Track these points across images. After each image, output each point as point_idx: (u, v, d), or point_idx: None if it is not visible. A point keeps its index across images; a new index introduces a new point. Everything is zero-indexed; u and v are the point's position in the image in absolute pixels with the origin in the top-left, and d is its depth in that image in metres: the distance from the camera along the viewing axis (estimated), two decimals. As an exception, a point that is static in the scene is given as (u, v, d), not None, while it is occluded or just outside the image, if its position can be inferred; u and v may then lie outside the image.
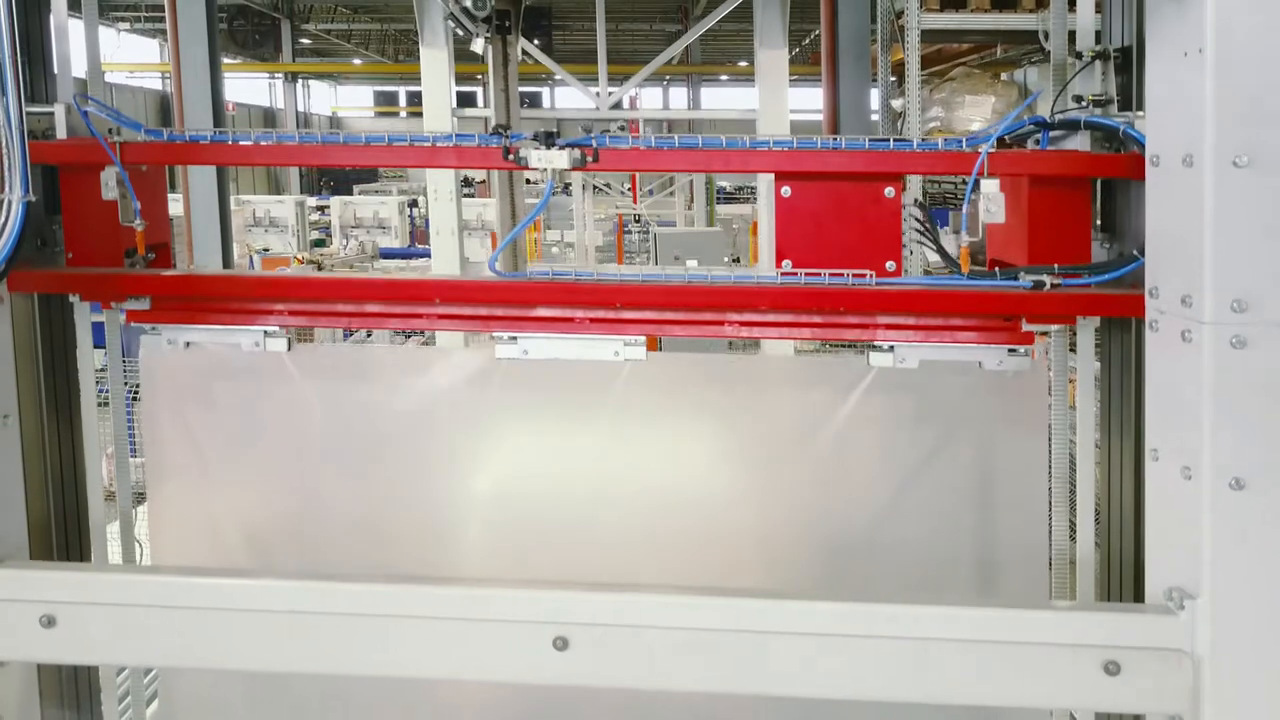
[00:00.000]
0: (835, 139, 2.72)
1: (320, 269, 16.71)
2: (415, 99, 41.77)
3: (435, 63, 8.55)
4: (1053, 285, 2.68)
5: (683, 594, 2.39)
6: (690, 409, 3.13)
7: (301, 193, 35.96)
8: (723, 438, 3.12)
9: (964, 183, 2.86)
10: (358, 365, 3.21)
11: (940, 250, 2.83)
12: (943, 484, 3.02)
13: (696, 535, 3.10)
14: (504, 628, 2.39)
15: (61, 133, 2.93)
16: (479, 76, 35.80)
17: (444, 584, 2.45)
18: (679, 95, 43.86)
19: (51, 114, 2.95)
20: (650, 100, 42.87)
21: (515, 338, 2.92)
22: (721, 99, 42.49)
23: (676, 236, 17.93)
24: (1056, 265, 2.71)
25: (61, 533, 2.91)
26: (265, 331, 3.01)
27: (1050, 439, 2.99)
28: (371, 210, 26.88)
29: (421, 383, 3.15)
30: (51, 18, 3.10)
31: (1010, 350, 2.91)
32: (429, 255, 10.67)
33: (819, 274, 2.75)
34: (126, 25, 31.97)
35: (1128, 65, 2.90)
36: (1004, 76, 10.91)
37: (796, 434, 3.07)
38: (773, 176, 2.77)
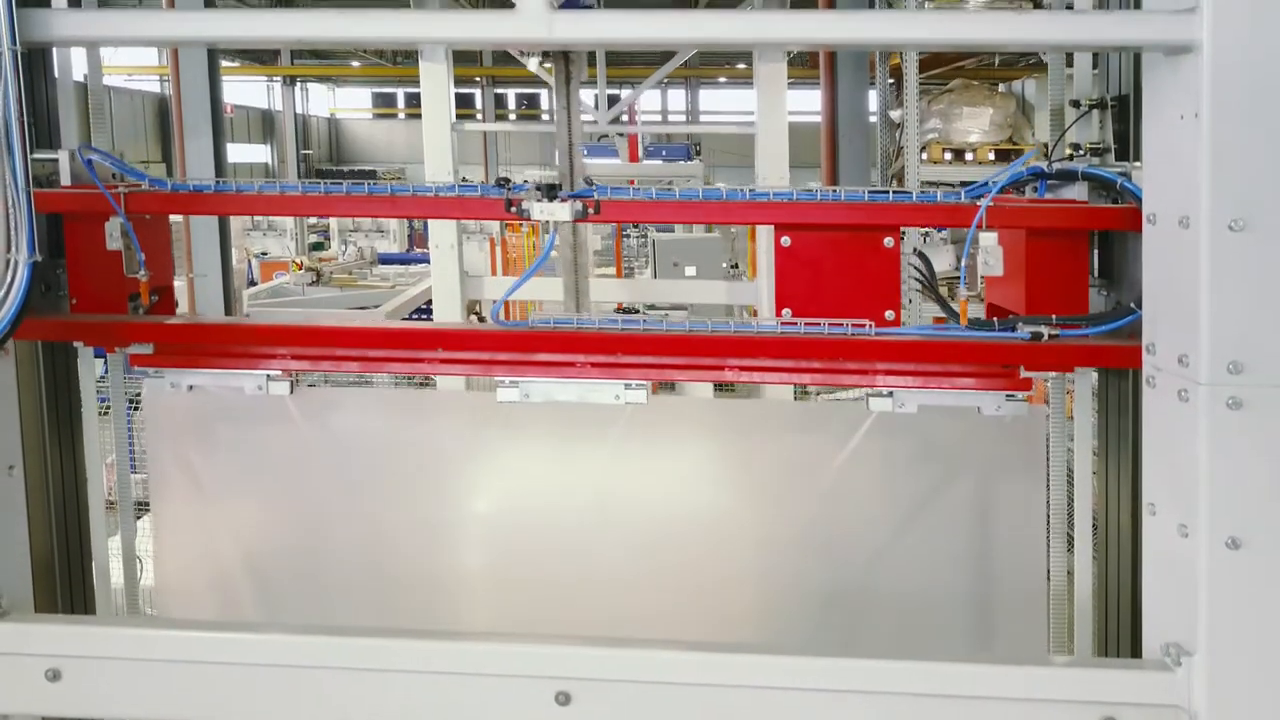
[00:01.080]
0: (834, 190, 2.74)
1: (319, 276, 16.74)
2: (413, 100, 41.82)
3: (435, 76, 8.56)
4: (1050, 336, 2.70)
5: (685, 650, 2.41)
6: (690, 452, 3.15)
7: (300, 195, 36.02)
8: (722, 481, 3.14)
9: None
10: (360, 408, 3.23)
11: (939, 300, 2.85)
12: (942, 528, 3.04)
13: (697, 578, 3.12)
14: (506, 682, 2.41)
15: (65, 179, 2.95)
16: (476, 79, 35.83)
17: (445, 638, 2.47)
18: (677, 97, 43.92)
19: (55, 160, 2.96)
20: (649, 102, 42.91)
21: (516, 382, 2.94)
22: (720, 100, 42.53)
23: (675, 243, 17.94)
24: (1054, 316, 2.73)
25: (66, 581, 2.93)
26: (268, 375, 3.03)
27: (1049, 484, 3.01)
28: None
29: (423, 425, 3.17)
30: (54, 62, 3.13)
31: (1008, 396, 2.94)
32: (428, 261, 10.70)
33: (818, 323, 2.76)
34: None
35: (1125, 113, 2.93)
36: (1001, 88, 10.96)
37: (795, 477, 3.09)
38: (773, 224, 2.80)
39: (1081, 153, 2.92)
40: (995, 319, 2.81)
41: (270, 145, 40.50)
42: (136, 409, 3.59)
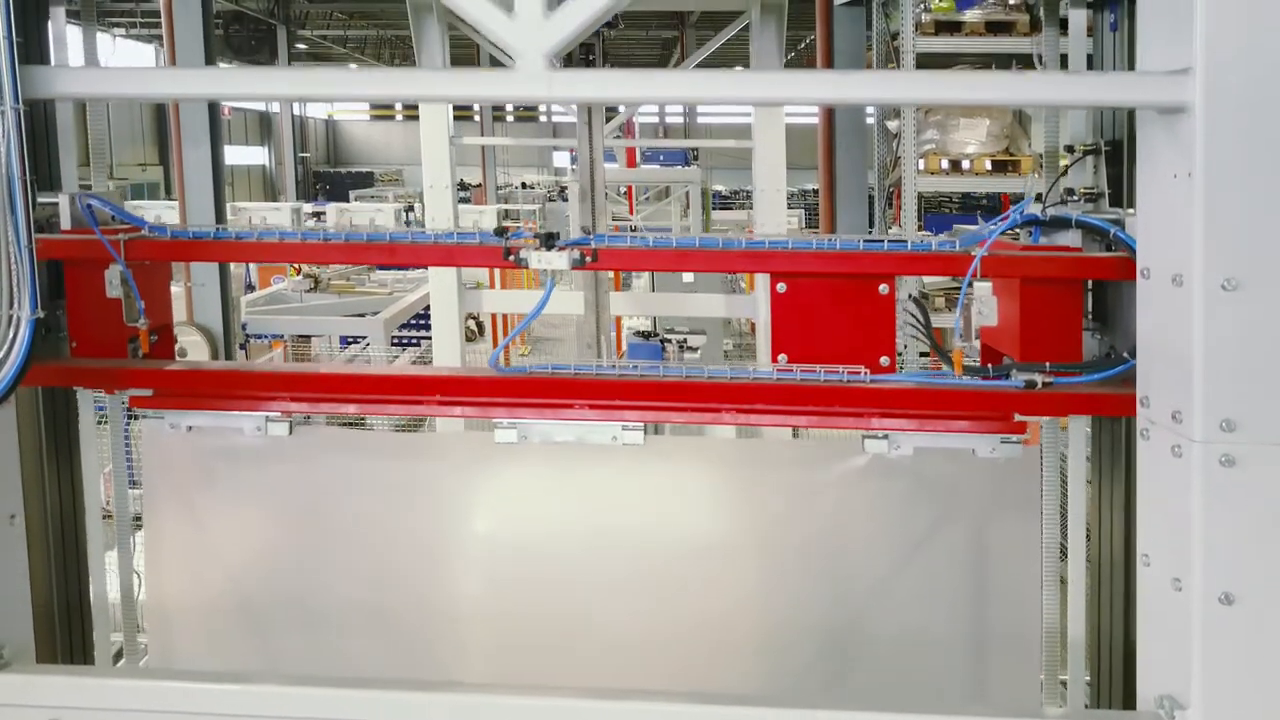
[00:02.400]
0: (830, 240, 2.76)
1: (317, 283, 16.71)
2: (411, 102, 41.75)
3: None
4: (1044, 384, 2.71)
5: (686, 701, 2.42)
6: (688, 491, 3.16)
7: (297, 199, 35.95)
8: (720, 519, 3.16)
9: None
10: (359, 448, 3.24)
11: (935, 347, 2.86)
12: (937, 569, 3.06)
13: (695, 615, 3.13)
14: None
15: (66, 223, 2.96)
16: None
17: (446, 689, 2.48)
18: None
19: (56, 204, 2.97)
20: (646, 104, 42.72)
21: (514, 424, 2.96)
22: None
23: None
24: (1048, 363, 2.74)
25: (65, 627, 2.94)
26: (267, 417, 3.05)
27: (1043, 527, 3.03)
28: (367, 218, 26.85)
29: (421, 465, 3.19)
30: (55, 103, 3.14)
31: (1003, 439, 2.96)
32: (425, 268, 10.67)
33: (814, 369, 2.78)
34: (122, 31, 31.90)
35: (1118, 158, 2.95)
36: (999, 99, 10.96)
37: (792, 518, 3.11)
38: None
39: (1075, 198, 2.93)
40: (989, 365, 2.82)
41: (268, 147, 40.48)
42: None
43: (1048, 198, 2.93)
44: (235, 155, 35.79)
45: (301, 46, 36.10)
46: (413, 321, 16.45)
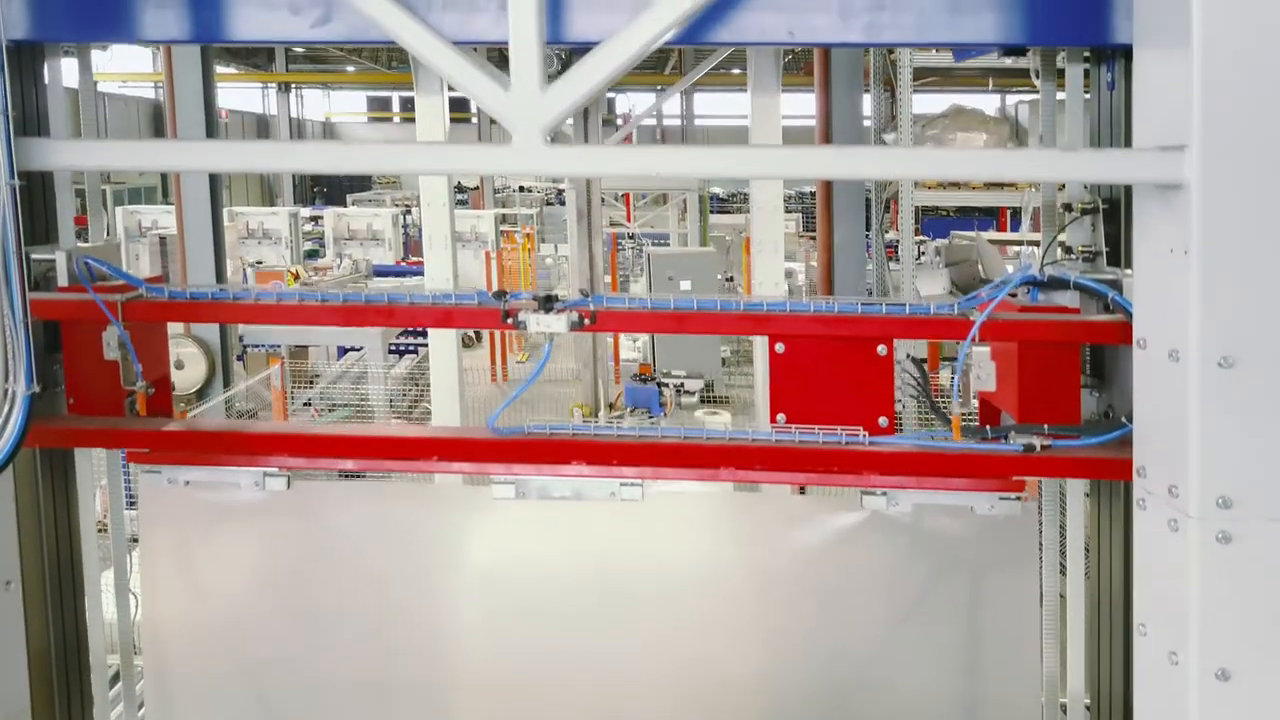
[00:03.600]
0: (828, 302, 2.76)
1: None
2: (409, 104, 41.57)
3: (430, 110, 8.51)
4: (1043, 447, 2.72)
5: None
6: (688, 545, 3.16)
7: (294, 201, 35.92)
8: (719, 573, 3.16)
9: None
10: (357, 502, 3.24)
11: (933, 407, 2.87)
12: (936, 626, 3.06)
13: (693, 672, 3.14)
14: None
15: (63, 280, 2.95)
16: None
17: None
18: (672, 101, 43.85)
19: (53, 260, 2.96)
20: (643, 105, 42.85)
21: (511, 481, 2.96)
22: (715, 104, 42.49)
23: (670, 258, 17.95)
24: (1046, 425, 2.74)
25: (64, 690, 2.94)
26: (265, 472, 3.05)
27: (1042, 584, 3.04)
28: (365, 222, 26.89)
29: (419, 519, 3.18)
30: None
31: (1001, 496, 2.96)
32: (422, 274, 10.65)
33: (813, 430, 2.78)
34: None
35: (1116, 216, 2.94)
36: (994, 113, 11.00)
37: (790, 572, 3.11)
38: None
39: (1073, 256, 2.93)
40: (988, 426, 2.82)
41: (265, 150, 40.35)
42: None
43: (1045, 255, 2.92)
44: (232, 158, 35.62)
45: (299, 49, 36.09)
46: (409, 333, 16.46)
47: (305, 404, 13.46)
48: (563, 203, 20.80)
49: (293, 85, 38.92)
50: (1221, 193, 2.22)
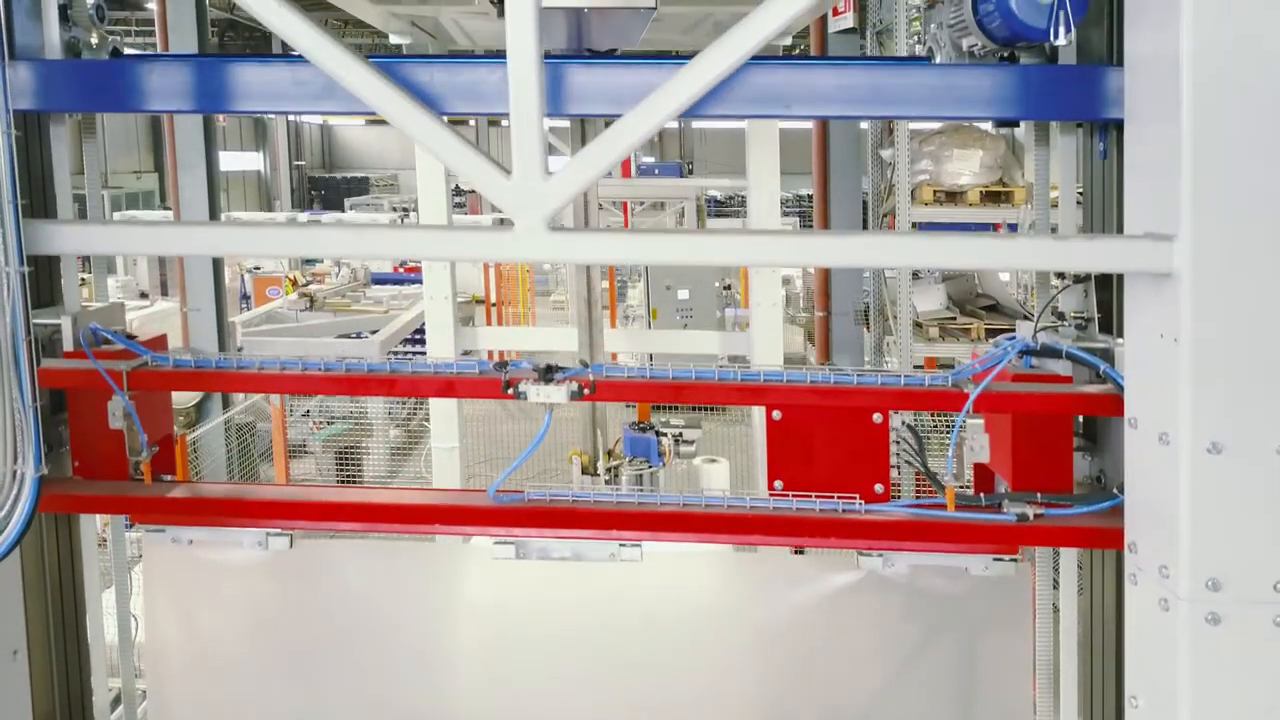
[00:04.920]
0: (825, 373, 2.80)
1: (313, 302, 16.73)
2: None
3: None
4: (1035, 517, 2.75)
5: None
6: (685, 604, 3.20)
7: (293, 206, 35.94)
8: (716, 632, 3.20)
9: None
10: (359, 561, 3.28)
11: (929, 475, 2.90)
12: (930, 686, 3.11)
13: None
14: None
15: (68, 344, 2.98)
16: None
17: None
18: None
19: (59, 325, 2.99)
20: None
21: (510, 541, 2.99)
22: (712, 108, 42.36)
23: (668, 266, 17.99)
24: (1039, 494, 2.78)
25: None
26: (268, 532, 3.09)
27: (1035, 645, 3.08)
28: (363, 227, 26.98)
29: (420, 578, 3.23)
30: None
31: (995, 558, 3.01)
32: (420, 281, 10.66)
33: (809, 498, 2.82)
34: (118, 38, 31.81)
35: (1108, 281, 2.98)
36: (991, 129, 11.03)
37: (786, 631, 3.15)
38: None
39: (1066, 322, 2.97)
40: (982, 494, 2.86)
41: (263, 153, 40.40)
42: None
43: (1038, 322, 2.96)
44: (230, 161, 35.71)
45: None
46: (410, 339, 16.49)
47: (304, 414, 13.51)
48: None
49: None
50: (1211, 283, 2.26)
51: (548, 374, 2.76)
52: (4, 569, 2.53)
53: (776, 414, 2.86)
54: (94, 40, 3.11)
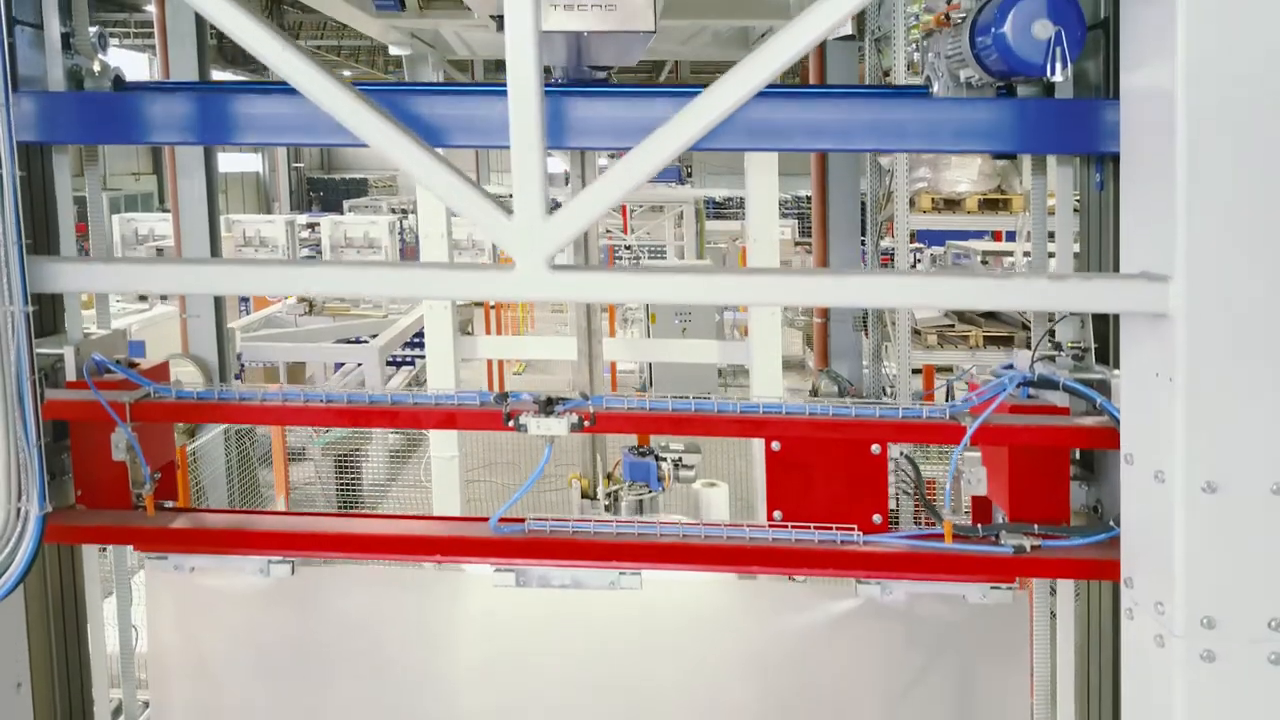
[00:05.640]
0: (823, 405, 2.81)
1: (311, 306, 16.73)
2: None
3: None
4: (1032, 548, 2.77)
5: None
6: (684, 631, 3.23)
7: (292, 208, 35.91)
8: (715, 659, 3.22)
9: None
10: (360, 588, 3.30)
11: (928, 506, 2.91)
12: (927, 711, 3.13)
13: None
14: None
15: (70, 374, 3.00)
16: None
17: None
18: (669, 105, 43.84)
19: (61, 355, 3.01)
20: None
21: (510, 569, 3.01)
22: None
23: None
24: (1036, 525, 2.80)
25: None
26: (269, 560, 3.10)
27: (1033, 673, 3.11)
28: (361, 230, 26.88)
29: (422, 605, 3.25)
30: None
31: (993, 586, 3.03)
32: None
33: (808, 529, 2.84)
34: (116, 40, 31.87)
35: (1105, 314, 2.99)
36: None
37: (785, 659, 3.17)
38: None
39: (1063, 352, 2.98)
40: (979, 525, 2.88)
41: (262, 154, 40.38)
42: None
43: (1036, 350, 2.97)
44: (229, 163, 35.71)
45: (295, 55, 36.00)
46: (410, 344, 16.49)
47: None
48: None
49: (289, 90, 38.82)
50: (1206, 324, 2.27)
51: (548, 406, 2.78)
52: (8, 604, 2.55)
53: (776, 445, 2.88)
54: (96, 68, 3.12)
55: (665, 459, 4.88)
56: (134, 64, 33.07)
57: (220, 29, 2.34)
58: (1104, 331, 3.01)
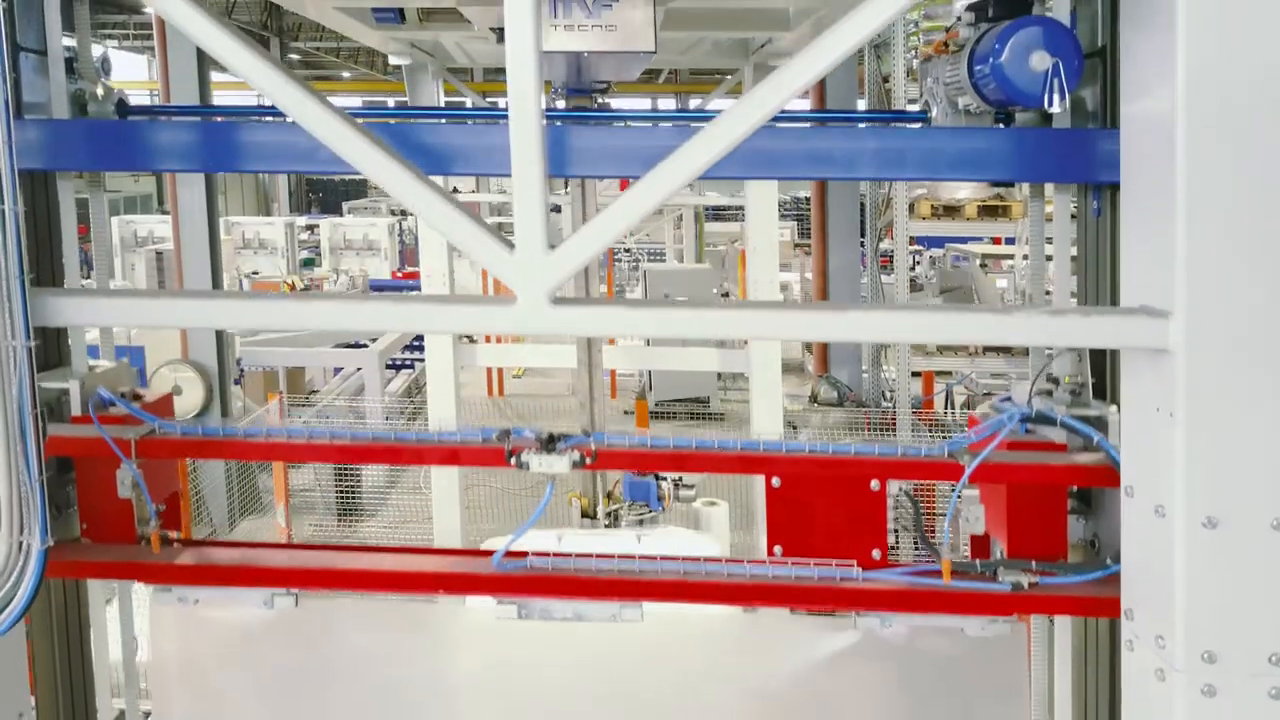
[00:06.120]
0: (824, 442, 2.82)
1: (311, 311, 16.70)
2: (402, 108, 41.19)
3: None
4: (1030, 585, 2.78)
5: None
6: (685, 663, 3.24)
7: (290, 209, 35.87)
8: (715, 691, 3.23)
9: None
10: (364, 621, 3.34)
11: (926, 543, 2.91)
12: None
13: None
14: None
15: (75, 408, 3.03)
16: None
17: None
18: (667, 105, 44.02)
19: (66, 389, 3.03)
20: (639, 107, 42.98)
21: (513, 601, 3.02)
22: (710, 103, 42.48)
23: (666, 274, 18.02)
24: (1034, 561, 2.81)
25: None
26: (274, 592, 3.12)
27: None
28: (361, 232, 26.89)
29: (423, 637, 3.28)
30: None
31: (991, 620, 3.03)
32: (419, 288, 10.69)
33: (808, 564, 2.84)
34: (115, 43, 31.87)
35: (1102, 350, 3.00)
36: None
37: (786, 690, 3.17)
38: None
39: (1060, 387, 2.99)
40: (978, 561, 2.89)
41: (260, 155, 40.27)
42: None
43: (1034, 386, 2.98)
44: (228, 164, 35.56)
45: (295, 57, 36.05)
46: (408, 349, 16.48)
47: (302, 422, 13.46)
48: (558, 210, 20.77)
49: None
50: (1206, 360, 2.27)
51: (550, 443, 2.78)
52: (10, 638, 2.55)
53: (776, 480, 2.89)
54: (99, 92, 3.13)
55: (665, 479, 4.88)
56: (133, 65, 33.07)
57: (222, 63, 2.34)
58: (1101, 365, 3.02)
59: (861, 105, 12.82)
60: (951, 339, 2.37)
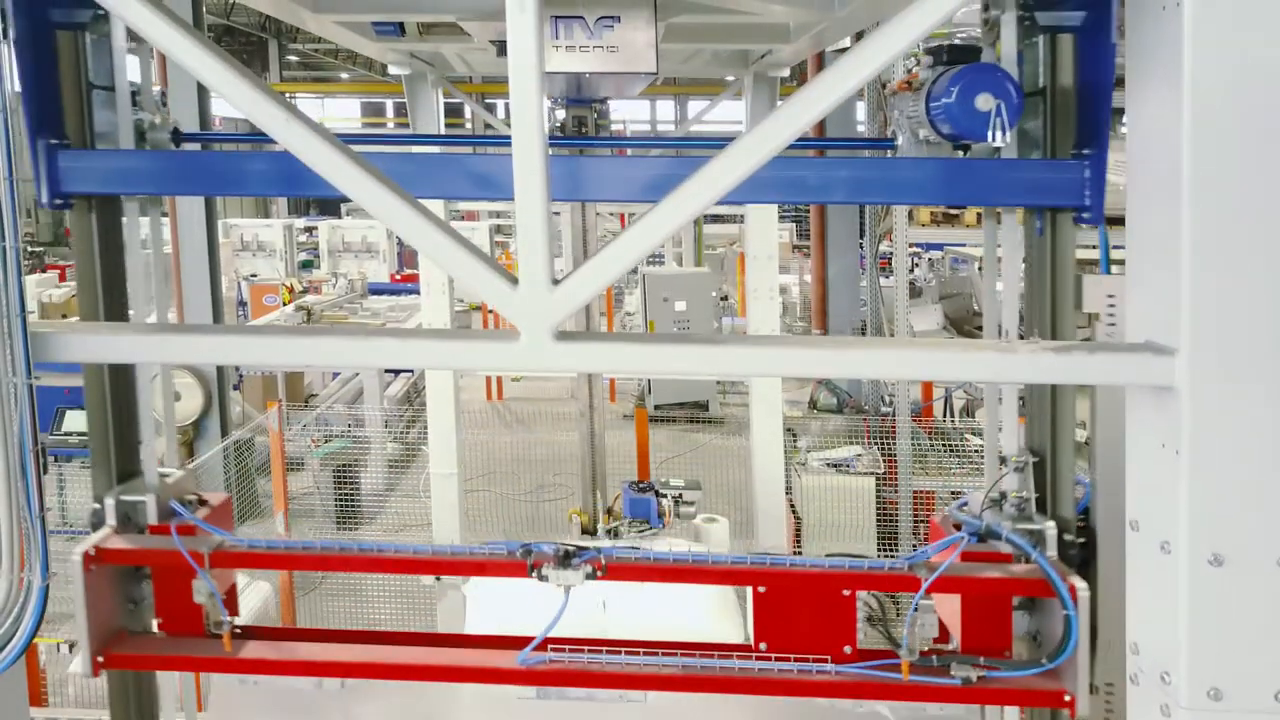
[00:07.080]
0: (801, 558, 3.25)
1: (310, 315, 16.71)
2: (403, 109, 41.02)
3: (425, 108, 8.52)
4: (979, 679, 3.04)
5: None
6: None
7: (290, 211, 35.85)
8: None
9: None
10: (399, 699, 3.67)
11: (892, 642, 3.18)
12: None
13: None
14: None
15: (152, 519, 3.28)
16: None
17: None
18: (666, 107, 44.07)
19: (144, 501, 3.29)
20: (638, 111, 43.13)
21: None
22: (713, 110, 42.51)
23: (665, 278, 18.01)
24: (983, 658, 3.07)
25: None
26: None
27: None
28: (359, 235, 26.89)
29: (448, 713, 3.57)
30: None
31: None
32: (417, 292, 10.69)
33: (788, 658, 3.15)
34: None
35: (1041, 466, 3.24)
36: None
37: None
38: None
39: (1007, 501, 3.24)
40: (934, 656, 3.11)
41: (259, 156, 40.26)
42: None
43: (986, 500, 3.28)
44: (226, 166, 35.53)
45: (293, 58, 36.07)
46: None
47: (302, 427, 13.46)
48: (558, 213, 20.69)
49: (287, 93, 38.83)
50: (1211, 397, 2.26)
51: (567, 559, 3.07)
52: (9, 676, 2.54)
53: (762, 588, 3.18)
54: (157, 120, 3.44)
55: (666, 495, 4.89)
56: (131, 65, 32.99)
57: (222, 96, 2.34)
58: (1042, 480, 3.24)
59: (861, 105, 12.84)
60: (955, 377, 2.39)
